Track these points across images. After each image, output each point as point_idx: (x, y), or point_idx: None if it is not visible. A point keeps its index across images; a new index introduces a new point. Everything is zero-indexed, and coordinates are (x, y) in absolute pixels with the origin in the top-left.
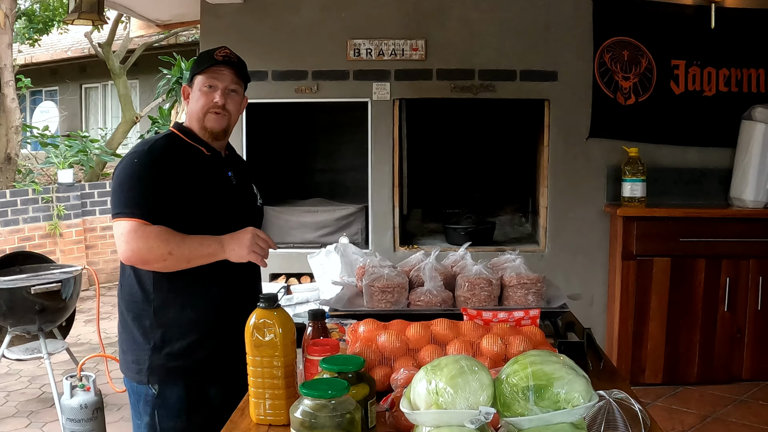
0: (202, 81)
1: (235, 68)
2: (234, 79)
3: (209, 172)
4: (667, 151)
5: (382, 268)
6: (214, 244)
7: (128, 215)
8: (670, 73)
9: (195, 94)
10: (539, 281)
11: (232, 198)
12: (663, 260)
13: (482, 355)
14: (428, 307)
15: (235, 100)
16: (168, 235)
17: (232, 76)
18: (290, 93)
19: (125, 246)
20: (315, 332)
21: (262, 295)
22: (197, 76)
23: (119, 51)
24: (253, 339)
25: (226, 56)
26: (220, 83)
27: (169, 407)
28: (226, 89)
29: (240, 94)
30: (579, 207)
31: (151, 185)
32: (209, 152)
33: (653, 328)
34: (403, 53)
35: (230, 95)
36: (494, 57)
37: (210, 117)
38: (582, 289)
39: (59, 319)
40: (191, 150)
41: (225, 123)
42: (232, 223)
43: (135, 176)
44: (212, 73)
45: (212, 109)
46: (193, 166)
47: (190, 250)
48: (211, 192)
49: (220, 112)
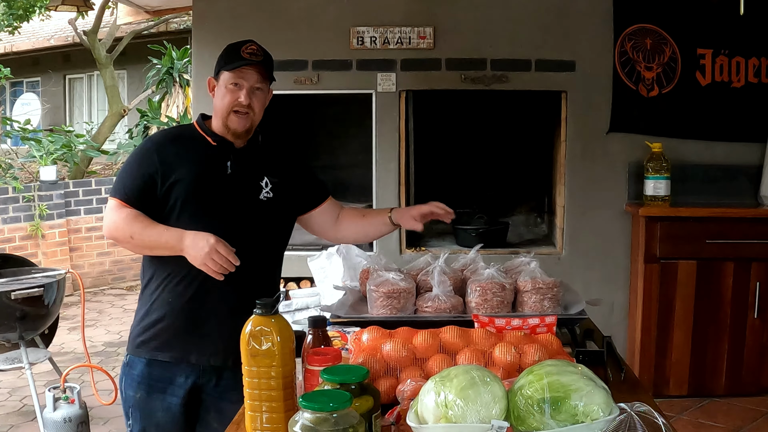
0: (227, 78)
1: (262, 66)
2: (260, 77)
3: (205, 160)
4: (693, 146)
5: (387, 272)
6: (173, 239)
7: (113, 194)
8: (696, 62)
9: (220, 91)
10: (556, 286)
11: (223, 186)
12: (688, 263)
13: (495, 365)
14: (437, 313)
15: (260, 98)
16: (135, 219)
17: (258, 74)
18: (289, 84)
19: (104, 221)
20: (315, 341)
21: (259, 301)
22: (223, 72)
23: (105, 39)
24: (249, 348)
25: (252, 53)
26: (246, 82)
27: (132, 377)
28: (252, 88)
29: (265, 91)
30: (598, 206)
31: (138, 171)
32: (216, 142)
33: (678, 337)
34: (410, 41)
35: (255, 93)
36: (507, 45)
37: (233, 118)
38: (601, 294)
39: (41, 326)
40: (198, 140)
41: (248, 123)
42: (222, 215)
43: (128, 160)
44: (239, 71)
45: (236, 108)
46: (191, 154)
47: (149, 237)
48: (198, 176)
49: (243, 111)
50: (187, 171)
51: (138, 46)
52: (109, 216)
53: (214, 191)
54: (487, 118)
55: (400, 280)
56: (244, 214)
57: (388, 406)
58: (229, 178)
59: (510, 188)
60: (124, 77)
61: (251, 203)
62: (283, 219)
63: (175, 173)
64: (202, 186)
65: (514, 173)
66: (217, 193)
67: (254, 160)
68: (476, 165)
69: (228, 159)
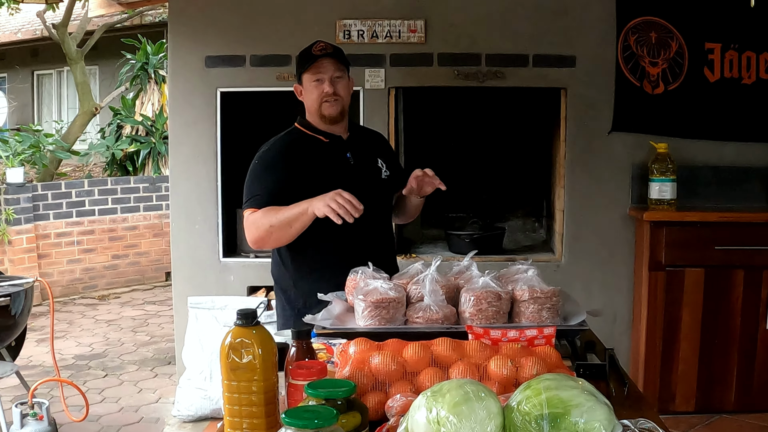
0: (309, 78)
1: (336, 57)
2: (336, 67)
3: (327, 157)
4: (701, 146)
5: (375, 281)
6: (303, 204)
7: (245, 206)
8: (704, 57)
9: (307, 91)
10: (555, 295)
11: (350, 177)
12: (696, 271)
13: (490, 379)
14: (428, 324)
15: (343, 84)
16: (267, 212)
17: (333, 65)
18: (271, 81)
19: (245, 232)
20: (299, 353)
21: (240, 311)
22: (304, 75)
23: (76, 33)
24: (228, 361)
25: (322, 49)
26: (325, 74)
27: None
28: (332, 78)
29: (345, 78)
30: (600, 210)
31: (269, 178)
32: (328, 139)
33: (685, 349)
34: (400, 35)
35: (337, 81)
36: (503, 40)
37: (325, 105)
38: (604, 304)
39: (8, 338)
40: (310, 140)
41: (339, 107)
42: (360, 198)
43: (253, 174)
44: (315, 68)
45: (325, 99)
46: (311, 155)
47: (284, 215)
48: (328, 175)
49: (331, 99)
50: (316, 174)
51: (111, 41)
52: (247, 225)
53: (344, 184)
54: (482, 116)
55: (389, 289)
56: (373, 197)
57: (377, 423)
58: (354, 168)
59: (506, 191)
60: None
61: (377, 185)
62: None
63: (305, 180)
64: (333, 184)
65: (510, 175)
66: (348, 185)
67: (364, 146)
68: (470, 167)
69: (346, 151)
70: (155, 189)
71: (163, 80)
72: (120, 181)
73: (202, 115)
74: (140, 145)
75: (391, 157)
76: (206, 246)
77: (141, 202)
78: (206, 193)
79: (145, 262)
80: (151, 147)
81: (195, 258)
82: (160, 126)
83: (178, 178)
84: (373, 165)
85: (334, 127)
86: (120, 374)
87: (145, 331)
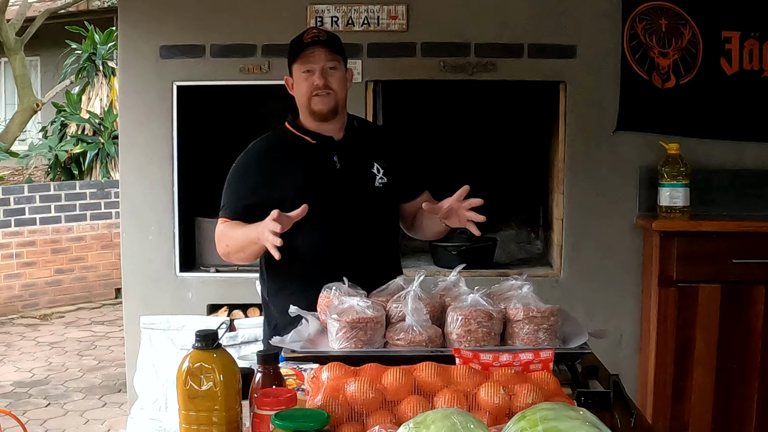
0: (298, 68)
1: (328, 46)
2: (329, 56)
3: (309, 161)
4: (718, 147)
5: (351, 298)
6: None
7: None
8: (721, 47)
9: (297, 83)
10: (553, 314)
11: (333, 184)
12: (711, 287)
13: (480, 408)
14: (410, 347)
15: (337, 76)
16: (227, 229)
17: (325, 53)
18: (234, 73)
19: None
20: (266, 380)
21: (199, 332)
22: (293, 65)
23: (15, 20)
24: (186, 388)
25: (314, 36)
26: (316, 65)
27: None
28: (324, 69)
29: (340, 69)
30: (603, 219)
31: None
32: (315, 140)
33: (699, 375)
34: (379, 22)
35: (330, 73)
36: (495, 27)
37: (315, 100)
38: (607, 324)
39: None
40: (295, 142)
41: (332, 102)
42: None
43: (228, 179)
44: (305, 57)
45: (315, 92)
46: (292, 159)
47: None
48: (308, 181)
49: (322, 93)
50: (295, 180)
51: (54, 28)
52: (216, 236)
53: (327, 191)
54: (471, 114)
55: (366, 308)
56: (362, 206)
57: None
58: (339, 173)
59: (498, 197)
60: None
61: (367, 193)
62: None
63: (283, 186)
64: (313, 188)
65: (502, 180)
66: (331, 192)
67: (359, 148)
68: (458, 170)
69: (333, 154)
70: (104, 195)
71: (112, 73)
72: (64, 186)
73: (157, 111)
74: (87, 146)
75: (396, 162)
76: (161, 259)
77: (88, 209)
78: (161, 199)
79: (93, 277)
80: (99, 148)
81: (148, 273)
82: (109, 124)
83: (129, 183)
84: (365, 170)
85: (326, 125)
86: (64, 403)
87: (92, 355)
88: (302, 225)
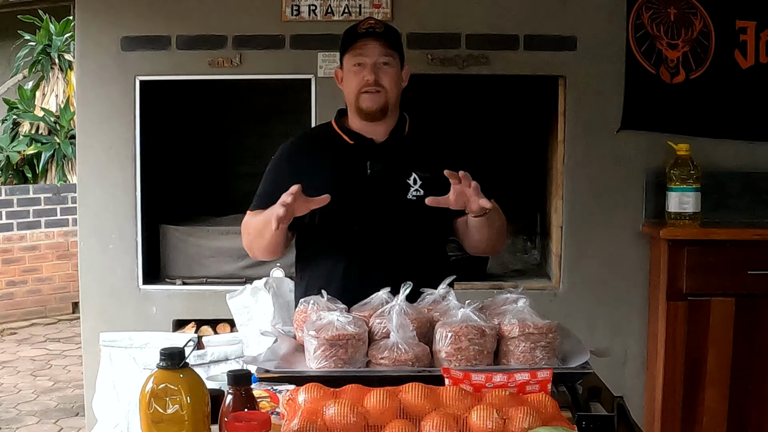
0: (349, 60)
1: (384, 39)
2: (383, 50)
3: (342, 162)
4: (731, 148)
5: (330, 313)
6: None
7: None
8: (735, 39)
9: (346, 77)
10: (551, 331)
11: (363, 190)
12: (724, 301)
13: None
14: (395, 366)
15: (389, 73)
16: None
17: (380, 47)
18: (202, 67)
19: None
20: (237, 402)
21: (164, 350)
22: (344, 56)
23: None
24: (150, 412)
25: (370, 27)
26: (369, 58)
27: None
28: (376, 64)
29: (395, 66)
30: (607, 227)
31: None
32: (353, 141)
33: (711, 396)
34: (361, 11)
35: (382, 69)
36: (488, 17)
37: (363, 97)
38: (611, 341)
39: None
40: (334, 139)
41: (381, 101)
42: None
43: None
44: (357, 50)
45: (364, 89)
46: (325, 157)
47: (256, 227)
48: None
49: (372, 90)
50: (322, 178)
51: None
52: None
53: (352, 196)
54: (462, 111)
55: (347, 324)
56: (390, 217)
57: None
58: (369, 179)
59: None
60: None
61: (398, 204)
62: (440, 217)
63: (309, 183)
64: (339, 192)
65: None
66: (357, 198)
67: (399, 155)
68: None
69: (368, 158)
70: (60, 200)
71: (69, 66)
72: (16, 190)
73: (118, 109)
74: (41, 147)
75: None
76: (123, 270)
77: (42, 216)
78: (123, 205)
79: (48, 290)
80: (54, 149)
81: (109, 285)
82: (65, 123)
83: (87, 187)
84: (398, 180)
85: (372, 126)
86: (17, 428)
87: (47, 375)
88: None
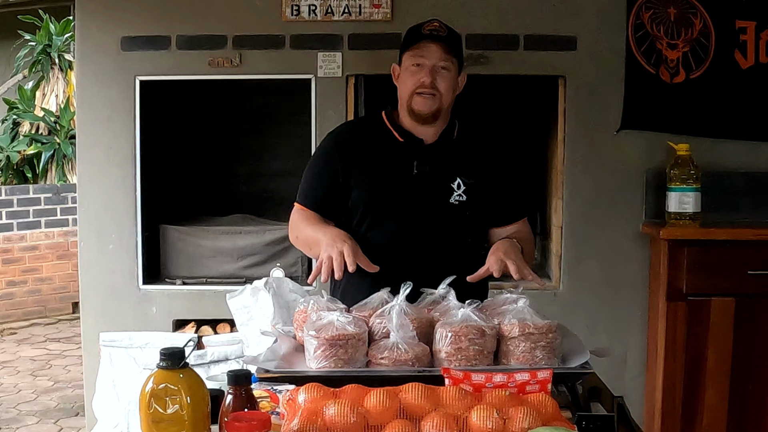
0: (409, 60)
1: (445, 43)
2: (444, 55)
3: (390, 159)
4: (731, 148)
5: (330, 313)
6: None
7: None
8: (735, 38)
9: (403, 75)
10: (551, 331)
11: (407, 190)
12: (725, 301)
13: None
14: (395, 366)
15: (447, 78)
16: (302, 220)
17: (441, 51)
18: (202, 67)
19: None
20: (237, 402)
21: (164, 350)
22: (404, 54)
23: None
24: (150, 412)
25: (434, 30)
26: (428, 60)
27: None
28: (435, 67)
29: (452, 71)
30: (607, 227)
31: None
32: (403, 138)
33: (711, 396)
34: (361, 11)
35: (440, 73)
36: (488, 17)
37: (417, 99)
38: (611, 341)
39: None
40: (383, 134)
41: (435, 105)
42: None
43: (312, 159)
44: (417, 50)
45: (419, 90)
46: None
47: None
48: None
49: (428, 92)
50: (369, 172)
51: (5, 18)
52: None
53: (396, 194)
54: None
55: (347, 324)
56: (431, 220)
57: None
58: (414, 179)
59: None
60: None
61: (440, 207)
62: (479, 225)
63: (356, 175)
64: (383, 189)
65: None
66: (401, 197)
67: (446, 158)
68: None
69: (415, 159)
70: (60, 200)
71: (69, 66)
72: (16, 190)
73: (118, 109)
74: (41, 147)
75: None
76: (122, 270)
77: (42, 216)
78: (123, 205)
79: (48, 290)
80: (54, 149)
81: (109, 285)
82: (65, 123)
83: (87, 187)
84: (443, 183)
85: (423, 127)
86: (17, 428)
87: (47, 375)
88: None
